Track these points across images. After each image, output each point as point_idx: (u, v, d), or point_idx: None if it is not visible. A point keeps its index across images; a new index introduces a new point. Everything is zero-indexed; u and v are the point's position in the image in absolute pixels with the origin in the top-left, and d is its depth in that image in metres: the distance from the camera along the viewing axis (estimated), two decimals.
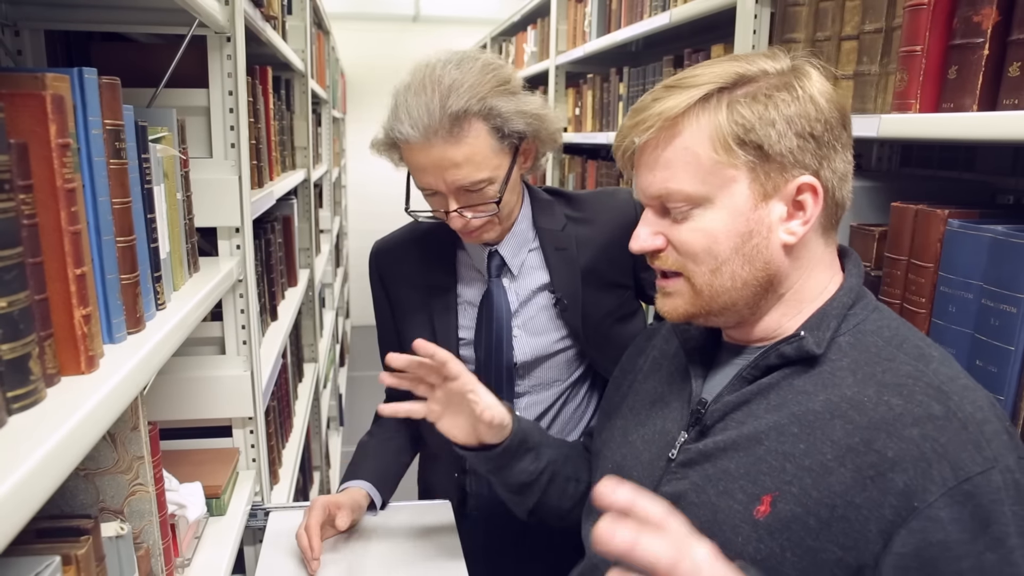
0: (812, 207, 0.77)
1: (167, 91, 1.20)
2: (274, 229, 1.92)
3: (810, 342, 0.77)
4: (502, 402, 1.02)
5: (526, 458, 1.03)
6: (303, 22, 2.53)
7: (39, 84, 0.61)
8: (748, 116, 0.75)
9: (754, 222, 0.77)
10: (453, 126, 1.06)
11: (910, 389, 0.72)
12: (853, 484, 0.70)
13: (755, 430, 0.78)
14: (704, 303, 0.81)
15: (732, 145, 0.75)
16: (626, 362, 1.07)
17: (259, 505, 1.33)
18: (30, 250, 0.58)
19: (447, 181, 1.10)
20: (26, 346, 0.56)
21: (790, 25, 1.26)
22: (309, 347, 2.67)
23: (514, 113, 1.10)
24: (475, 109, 1.06)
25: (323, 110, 3.68)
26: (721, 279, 0.79)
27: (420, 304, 1.29)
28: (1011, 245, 0.84)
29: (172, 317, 0.87)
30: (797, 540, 0.71)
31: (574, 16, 2.95)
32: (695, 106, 0.77)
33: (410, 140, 1.08)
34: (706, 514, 0.78)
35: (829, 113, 0.77)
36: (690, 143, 0.77)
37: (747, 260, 0.78)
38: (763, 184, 0.76)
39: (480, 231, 1.17)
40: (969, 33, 0.89)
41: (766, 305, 0.82)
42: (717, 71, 0.78)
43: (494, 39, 4.91)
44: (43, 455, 0.51)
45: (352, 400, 4.78)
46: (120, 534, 0.76)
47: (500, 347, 1.25)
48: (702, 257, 0.79)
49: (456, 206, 1.12)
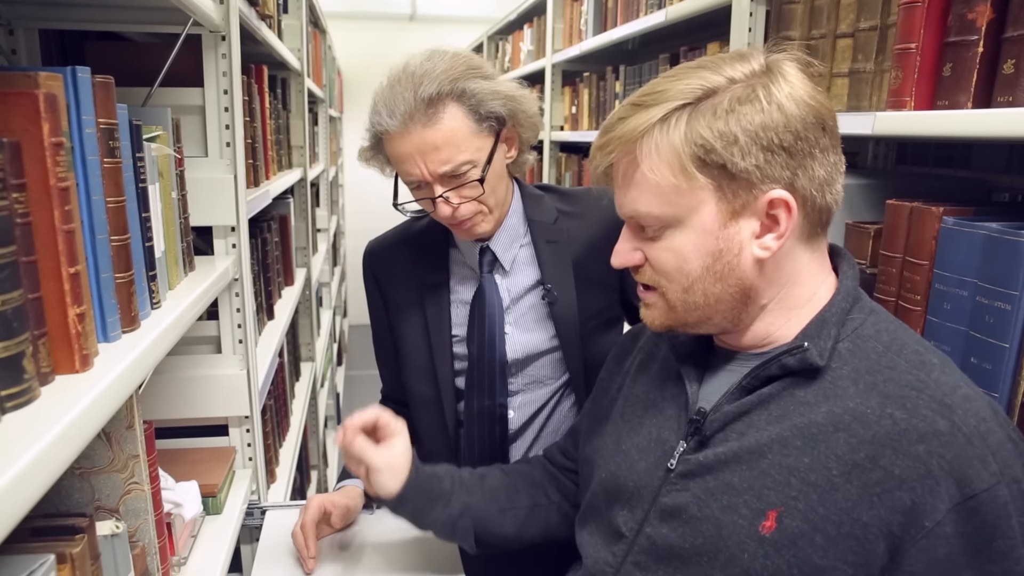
0: (785, 221, 0.74)
1: (162, 90, 1.20)
2: (270, 228, 1.91)
3: (814, 354, 0.75)
4: (412, 456, 1.03)
5: (435, 508, 1.03)
6: (299, 21, 2.52)
7: (32, 83, 0.61)
8: (708, 136, 0.72)
9: (724, 240, 0.75)
10: (428, 108, 1.08)
11: (914, 403, 0.70)
12: (860, 501, 0.69)
13: (757, 442, 0.76)
14: (679, 317, 0.81)
15: (692, 168, 0.73)
16: (612, 363, 1.05)
17: (256, 504, 1.33)
18: (24, 249, 0.58)
19: (429, 166, 1.10)
20: (20, 345, 0.56)
21: (785, 23, 1.26)
22: (306, 346, 2.67)
23: (488, 93, 1.11)
24: (447, 90, 1.09)
25: (320, 109, 3.67)
26: (693, 296, 0.78)
27: (414, 303, 1.29)
28: (1006, 242, 0.84)
29: (167, 316, 0.87)
30: (804, 557, 0.70)
31: (570, 14, 2.96)
32: (652, 129, 0.74)
33: (389, 129, 1.10)
34: (710, 529, 0.76)
35: (802, 119, 0.73)
36: (648, 169, 0.75)
37: (718, 278, 0.77)
38: (730, 203, 0.74)
39: (470, 223, 1.16)
40: (963, 30, 0.90)
41: (748, 316, 0.80)
42: (681, 87, 0.75)
43: (490, 38, 4.91)
44: (37, 453, 0.51)
45: (349, 399, 4.78)
46: (115, 533, 0.76)
47: (492, 344, 1.24)
48: (674, 275, 0.78)
49: (441, 190, 1.12)
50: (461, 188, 1.12)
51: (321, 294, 3.44)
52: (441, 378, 1.27)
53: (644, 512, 0.84)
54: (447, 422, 1.29)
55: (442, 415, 1.29)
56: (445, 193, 1.12)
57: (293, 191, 2.44)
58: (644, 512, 0.84)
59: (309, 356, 2.69)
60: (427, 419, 1.31)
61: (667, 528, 0.80)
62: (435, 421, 1.30)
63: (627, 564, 0.84)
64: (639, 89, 0.79)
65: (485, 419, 1.26)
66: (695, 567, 0.77)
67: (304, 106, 2.62)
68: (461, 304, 1.28)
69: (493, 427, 1.27)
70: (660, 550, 0.80)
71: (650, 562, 0.81)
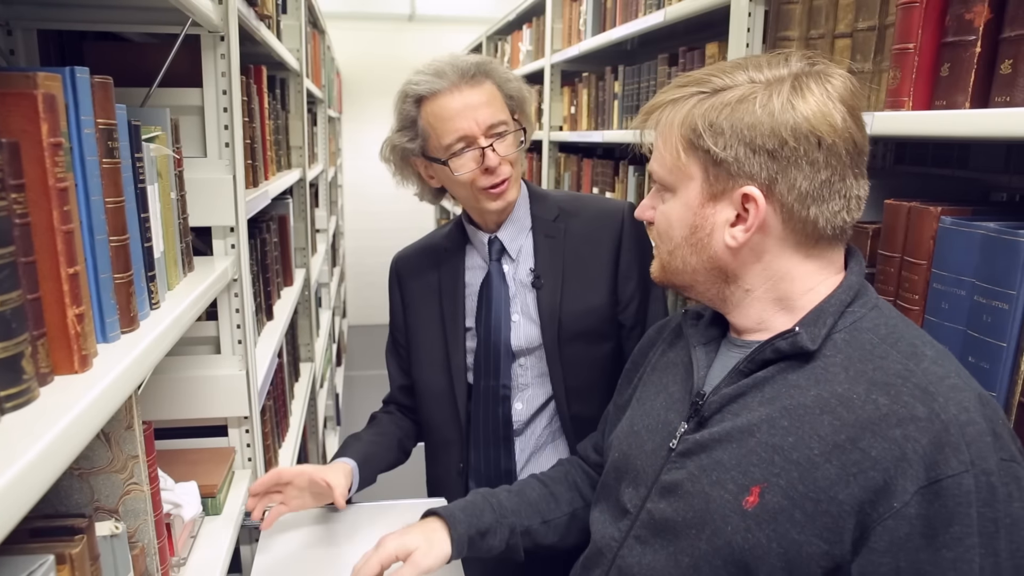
0: (753, 217, 0.80)
1: (161, 91, 1.20)
2: (269, 228, 1.91)
3: (804, 338, 0.79)
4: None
5: (487, 541, 1.06)
6: (298, 21, 2.52)
7: (30, 83, 0.61)
8: (700, 124, 0.80)
9: (700, 218, 0.83)
10: (475, 75, 1.24)
11: (897, 389, 0.73)
12: (838, 480, 0.71)
13: (748, 422, 0.80)
14: (667, 276, 0.90)
15: (684, 147, 0.82)
16: (638, 355, 1.10)
17: None
18: (22, 249, 0.58)
19: (478, 119, 1.22)
20: (19, 345, 0.56)
21: (784, 23, 1.26)
22: (305, 346, 2.67)
23: (511, 79, 1.28)
24: (483, 69, 1.25)
25: (319, 109, 3.67)
26: (675, 261, 0.87)
27: (431, 300, 1.37)
28: (1003, 242, 0.85)
29: (166, 316, 0.87)
30: (783, 532, 0.73)
31: (569, 15, 2.96)
32: (667, 106, 0.85)
33: (441, 90, 1.22)
34: (699, 503, 0.80)
35: (794, 129, 0.76)
36: (661, 138, 0.86)
37: (693, 250, 0.85)
38: (712, 186, 0.81)
39: (505, 185, 1.26)
40: (961, 31, 0.90)
41: (733, 296, 0.86)
42: (714, 79, 0.82)
43: (489, 38, 4.90)
44: (36, 454, 0.51)
45: (349, 399, 4.78)
46: (115, 533, 0.76)
47: (499, 329, 1.30)
48: (663, 236, 0.88)
49: (488, 143, 1.23)
50: (503, 140, 1.24)
51: (320, 295, 3.43)
52: (454, 368, 1.33)
53: (647, 489, 0.88)
54: (459, 414, 1.33)
55: (455, 407, 1.34)
56: (492, 143, 1.23)
57: (292, 191, 2.44)
58: (647, 489, 0.88)
59: (308, 357, 2.69)
60: (438, 413, 1.36)
61: (664, 503, 0.85)
62: (446, 415, 1.35)
63: (630, 539, 0.89)
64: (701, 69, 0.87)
65: (491, 400, 1.31)
66: (684, 539, 0.81)
67: (303, 106, 2.62)
68: (474, 296, 1.34)
69: (497, 409, 1.31)
70: (658, 524, 0.85)
71: (649, 536, 0.86)
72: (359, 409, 4.54)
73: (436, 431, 1.38)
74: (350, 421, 4.37)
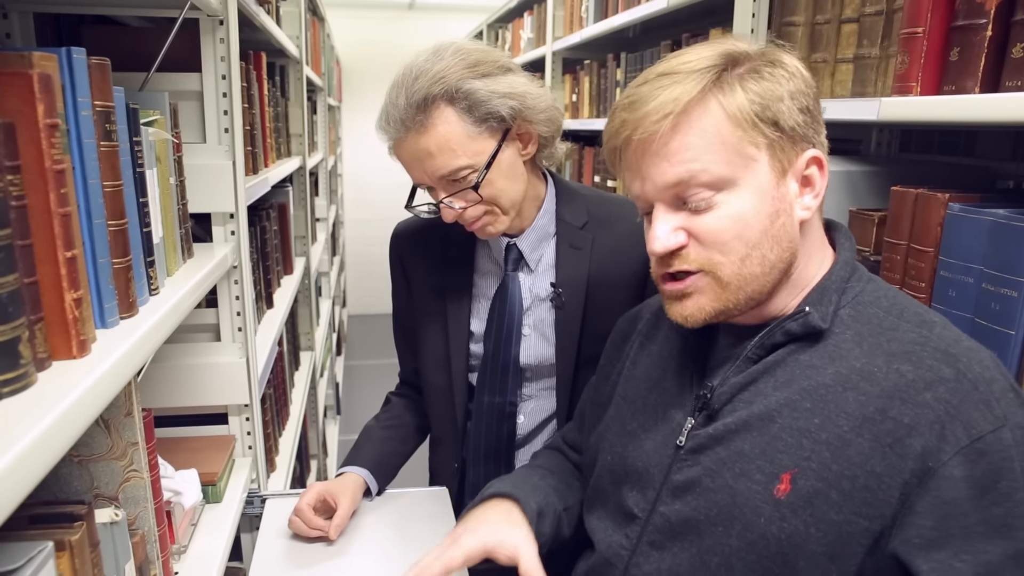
0: (820, 180, 0.78)
1: (159, 75, 1.18)
2: (269, 216, 1.90)
3: (815, 317, 0.77)
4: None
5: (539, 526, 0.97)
6: (297, 8, 2.50)
7: (26, 63, 0.60)
8: (760, 92, 0.74)
9: (779, 200, 0.76)
10: (418, 114, 1.05)
11: (919, 355, 0.72)
12: (872, 453, 0.70)
13: (766, 408, 0.77)
14: (731, 296, 0.77)
15: (755, 121, 0.74)
16: (611, 350, 1.04)
17: (255, 492, 1.33)
18: (19, 232, 0.57)
19: (427, 172, 1.09)
20: (15, 329, 0.55)
21: (789, 8, 1.25)
22: (305, 335, 2.67)
23: (485, 94, 1.06)
24: (437, 92, 1.04)
25: (319, 97, 3.65)
26: (750, 266, 0.76)
27: (436, 291, 1.27)
28: (1012, 229, 0.84)
29: (166, 302, 0.86)
30: (820, 515, 0.71)
31: (571, 2, 2.93)
32: (711, 87, 0.75)
33: (389, 136, 1.10)
34: (724, 498, 0.77)
35: (812, 86, 0.78)
36: (711, 124, 0.74)
37: (776, 241, 0.76)
38: (780, 160, 0.76)
39: (480, 223, 1.13)
40: (972, 14, 0.88)
41: (775, 288, 0.80)
42: (707, 54, 0.77)
43: (490, 26, 4.87)
44: (33, 439, 0.50)
45: (349, 388, 4.78)
46: (114, 520, 0.76)
47: (508, 343, 1.22)
48: (732, 245, 0.76)
49: (443, 195, 1.10)
50: (464, 192, 1.09)
51: (320, 283, 3.42)
52: (455, 371, 1.27)
53: (656, 491, 0.84)
54: (456, 414, 1.29)
55: (452, 407, 1.29)
56: (446, 199, 1.10)
57: (292, 179, 2.43)
58: (656, 491, 0.84)
59: (308, 345, 2.69)
60: (438, 409, 1.32)
61: (680, 504, 0.81)
62: (445, 412, 1.31)
63: (642, 545, 0.84)
64: (650, 68, 0.79)
65: (494, 417, 1.25)
66: (710, 538, 0.77)
67: (303, 94, 2.60)
68: (483, 299, 1.25)
69: (501, 426, 1.26)
70: (675, 526, 0.81)
71: (665, 540, 0.82)
72: (359, 398, 4.55)
73: (435, 425, 1.34)
74: (350, 410, 4.38)
